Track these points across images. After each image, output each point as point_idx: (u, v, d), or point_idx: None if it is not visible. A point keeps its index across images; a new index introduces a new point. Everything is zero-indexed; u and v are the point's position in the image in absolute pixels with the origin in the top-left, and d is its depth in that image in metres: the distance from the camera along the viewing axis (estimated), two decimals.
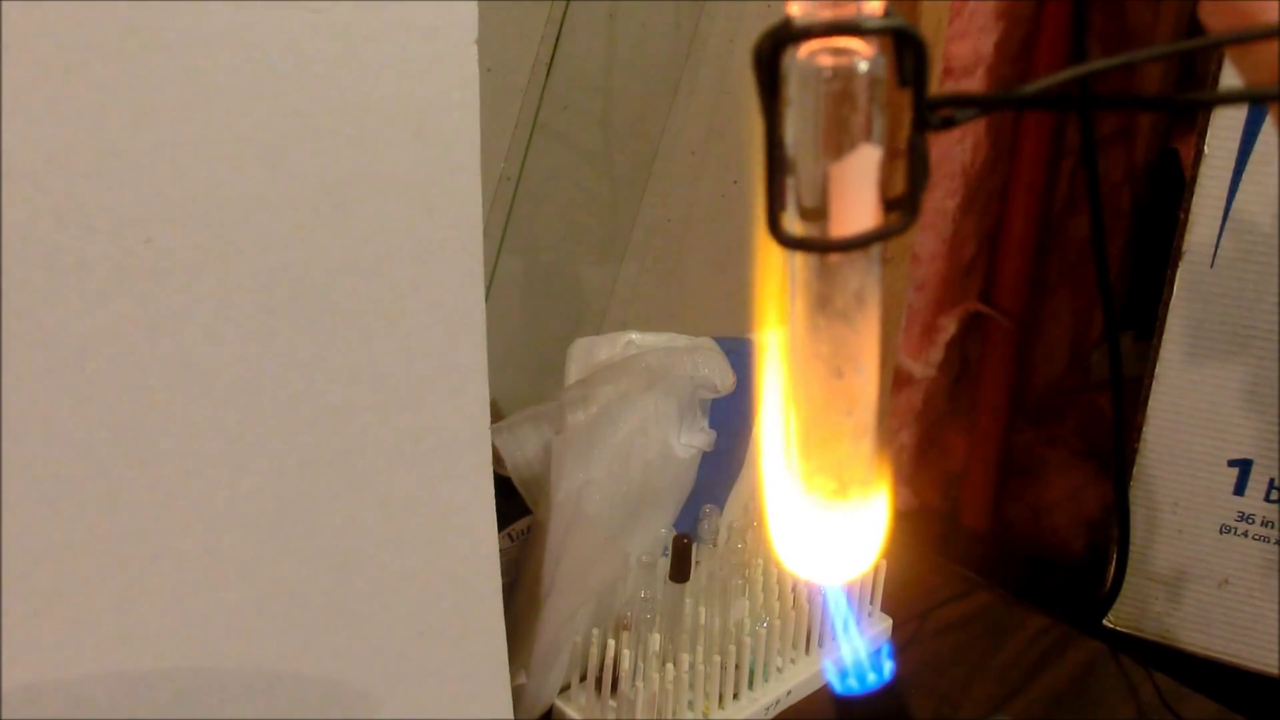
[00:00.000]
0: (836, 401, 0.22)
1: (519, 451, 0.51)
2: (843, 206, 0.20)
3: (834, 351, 0.22)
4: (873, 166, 0.20)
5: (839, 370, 0.22)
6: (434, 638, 0.40)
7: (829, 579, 0.25)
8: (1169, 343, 0.61)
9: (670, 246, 0.68)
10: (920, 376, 0.79)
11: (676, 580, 0.52)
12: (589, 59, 0.60)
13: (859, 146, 0.20)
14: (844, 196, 0.20)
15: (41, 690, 0.31)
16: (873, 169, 0.20)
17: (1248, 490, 0.61)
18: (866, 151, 0.20)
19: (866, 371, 0.22)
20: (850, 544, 0.24)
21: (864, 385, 0.22)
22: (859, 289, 0.21)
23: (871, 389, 0.22)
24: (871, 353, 0.22)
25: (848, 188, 0.20)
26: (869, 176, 0.20)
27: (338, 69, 0.31)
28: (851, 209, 0.20)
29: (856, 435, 0.23)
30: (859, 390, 0.22)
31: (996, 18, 0.70)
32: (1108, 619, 0.66)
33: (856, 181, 0.20)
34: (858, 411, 0.23)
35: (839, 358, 0.22)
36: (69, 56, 0.27)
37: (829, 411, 0.23)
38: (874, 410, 0.23)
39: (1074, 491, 0.79)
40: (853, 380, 0.22)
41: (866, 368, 0.22)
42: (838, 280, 0.21)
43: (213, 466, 0.33)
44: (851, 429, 0.23)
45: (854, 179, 0.20)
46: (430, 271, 0.35)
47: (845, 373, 0.22)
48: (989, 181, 0.75)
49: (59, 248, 0.28)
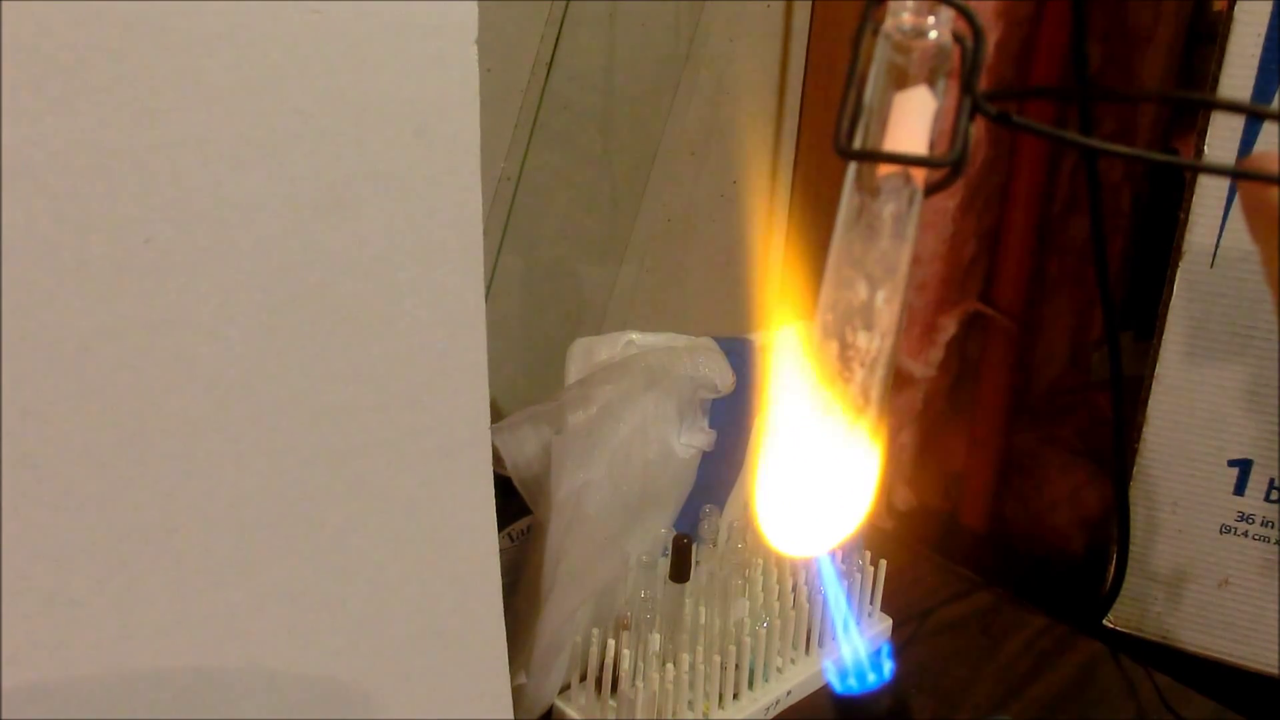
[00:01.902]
0: (856, 318, 0.25)
1: (519, 451, 0.51)
2: (898, 132, 0.24)
3: (864, 258, 0.24)
4: (929, 106, 0.24)
5: (869, 277, 0.24)
6: (434, 638, 0.40)
7: (816, 546, 0.26)
8: (1169, 343, 0.61)
9: (670, 246, 0.68)
10: (920, 376, 0.79)
11: (676, 580, 0.52)
12: (589, 59, 0.60)
13: (919, 85, 0.24)
14: (900, 124, 0.24)
15: (41, 690, 0.31)
16: (928, 108, 0.24)
17: (1248, 490, 0.61)
18: (924, 92, 0.24)
19: (891, 297, 0.24)
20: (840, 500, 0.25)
21: (885, 309, 0.25)
22: (896, 213, 0.24)
23: (891, 317, 0.25)
24: (899, 280, 0.24)
25: (904, 117, 0.24)
26: (924, 114, 0.24)
27: (338, 69, 0.31)
28: (905, 135, 0.24)
29: (873, 360, 0.25)
30: (881, 313, 0.25)
31: (996, 18, 0.70)
32: (1108, 619, 0.66)
33: (912, 112, 0.24)
34: (876, 334, 0.24)
35: (869, 264, 0.24)
36: (69, 56, 0.27)
37: (847, 327, 0.25)
38: (890, 342, 0.25)
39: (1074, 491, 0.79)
40: (875, 300, 0.24)
41: (892, 293, 0.24)
42: (877, 200, 0.24)
43: (213, 466, 0.33)
44: (868, 348, 0.25)
45: (910, 110, 0.24)
46: (430, 271, 0.35)
47: (873, 284, 0.24)
48: (989, 181, 0.75)
49: (59, 248, 0.28)
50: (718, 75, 0.66)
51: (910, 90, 0.24)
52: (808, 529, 0.25)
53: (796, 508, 0.25)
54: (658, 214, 0.67)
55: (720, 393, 0.53)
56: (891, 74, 0.24)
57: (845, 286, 0.24)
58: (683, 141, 0.66)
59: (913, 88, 0.24)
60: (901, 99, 0.24)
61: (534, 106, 0.59)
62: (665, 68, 0.64)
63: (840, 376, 0.24)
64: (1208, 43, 0.65)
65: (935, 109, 0.24)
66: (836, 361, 0.24)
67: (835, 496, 0.25)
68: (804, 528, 0.25)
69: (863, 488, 0.25)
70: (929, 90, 0.24)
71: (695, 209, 0.68)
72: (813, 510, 0.25)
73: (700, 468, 0.54)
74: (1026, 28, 0.71)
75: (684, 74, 0.64)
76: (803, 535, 0.25)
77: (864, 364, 0.24)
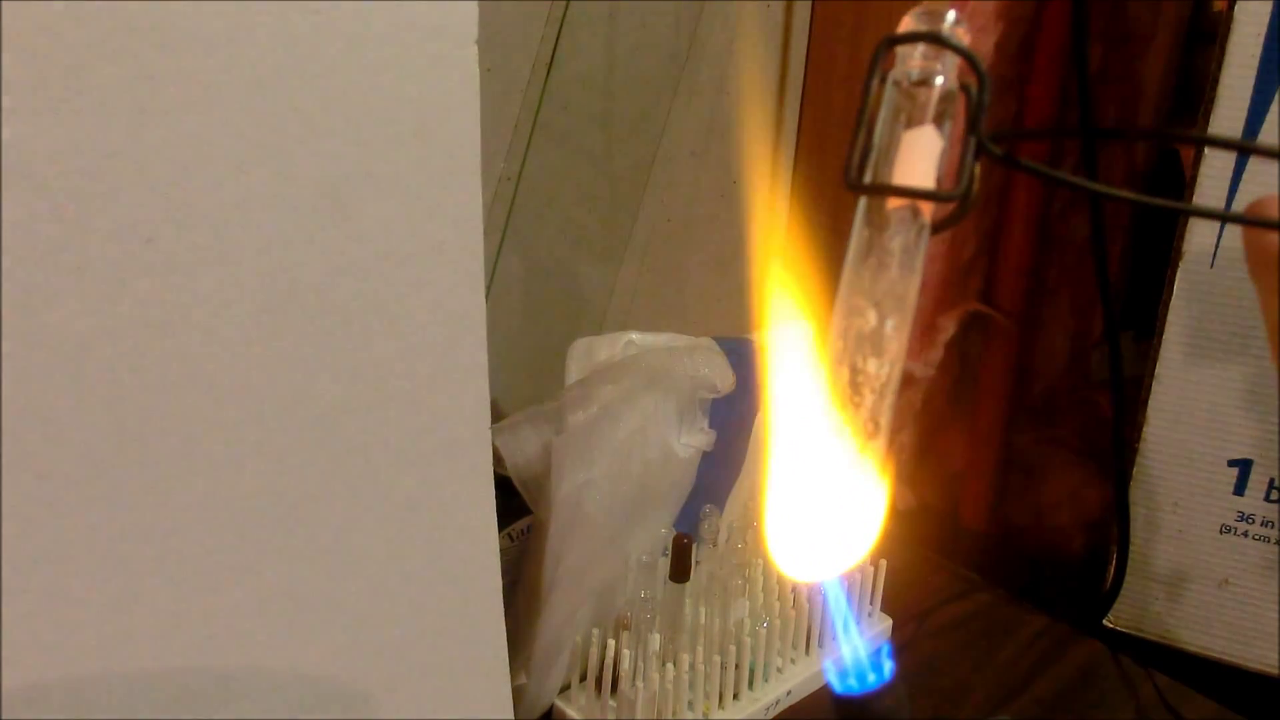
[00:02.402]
0: (866, 345, 0.25)
1: (519, 451, 0.51)
2: (905, 168, 0.25)
3: (873, 288, 0.25)
4: (935, 145, 0.25)
5: (878, 306, 0.25)
6: (434, 638, 0.40)
7: (826, 572, 0.26)
8: (1169, 343, 0.61)
9: (670, 246, 0.68)
10: (920, 376, 0.79)
11: (676, 580, 0.52)
12: (589, 59, 0.60)
13: (926, 125, 0.25)
14: (907, 160, 0.25)
15: (41, 690, 0.31)
16: (934, 147, 0.25)
17: (1248, 490, 0.61)
18: (931, 131, 0.25)
19: (900, 326, 0.25)
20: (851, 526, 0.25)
21: (894, 337, 0.25)
22: (905, 246, 0.25)
23: (899, 345, 0.25)
24: (907, 310, 0.25)
25: (912, 153, 0.25)
26: (931, 152, 0.25)
27: (338, 69, 0.31)
28: (911, 171, 0.25)
29: (882, 386, 0.25)
30: (890, 341, 0.25)
31: (996, 18, 0.70)
32: (1108, 619, 0.66)
33: (919, 150, 0.25)
34: (886, 361, 0.25)
35: (878, 294, 0.25)
36: (69, 56, 0.27)
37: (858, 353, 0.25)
38: (898, 370, 0.25)
39: (1074, 491, 0.79)
40: (885, 329, 0.25)
41: (901, 323, 0.25)
42: (887, 232, 0.25)
43: (213, 466, 0.33)
44: (877, 374, 0.25)
45: (918, 148, 0.25)
46: (430, 271, 0.35)
47: (882, 313, 0.25)
48: (989, 181, 0.75)
49: (59, 248, 0.28)
50: (718, 75, 0.66)
51: (917, 130, 0.25)
52: (817, 555, 0.26)
53: (805, 534, 0.25)
54: (658, 214, 0.67)
55: (720, 393, 0.53)
56: (900, 116, 0.25)
57: (855, 315, 0.25)
58: (683, 141, 0.66)
59: (919, 127, 0.25)
60: (909, 138, 0.25)
61: (534, 106, 0.59)
62: (665, 68, 0.64)
63: (850, 402, 0.25)
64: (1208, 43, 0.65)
65: (942, 148, 0.25)
66: (847, 387, 0.25)
67: (844, 522, 0.25)
68: (813, 554, 0.26)
69: (871, 514, 0.25)
70: (935, 130, 0.25)
71: (695, 209, 0.68)
72: (821, 536, 0.25)
73: (700, 468, 0.54)
74: (1026, 28, 0.71)
75: (684, 74, 0.64)
76: (812, 561, 0.26)
77: (874, 390, 0.25)
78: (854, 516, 0.25)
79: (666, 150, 0.66)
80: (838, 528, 0.25)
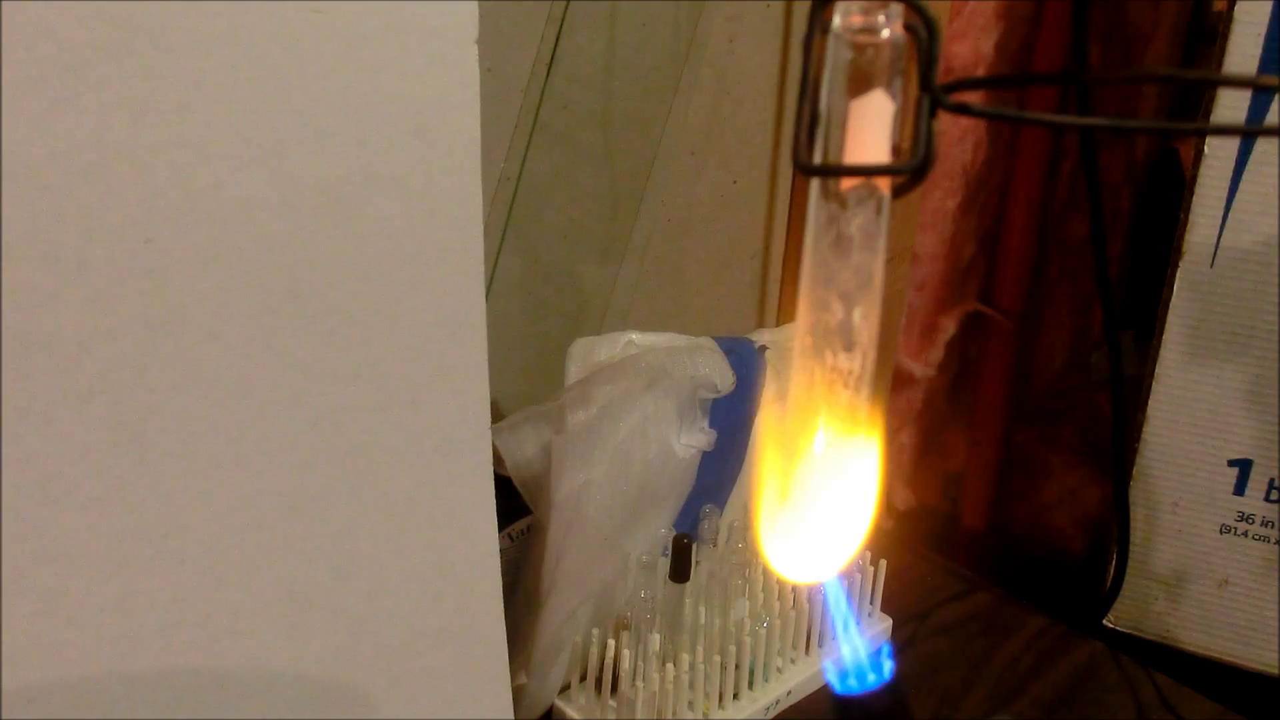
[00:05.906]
0: (835, 339, 0.24)
1: (519, 451, 0.51)
2: (857, 141, 0.23)
3: (837, 276, 0.24)
4: (886, 111, 0.23)
5: (844, 294, 0.24)
6: (434, 638, 0.40)
7: (820, 573, 0.26)
8: (1169, 343, 0.61)
9: (670, 246, 0.68)
10: (920, 376, 0.79)
11: (676, 580, 0.52)
12: (589, 59, 0.60)
13: (875, 90, 0.23)
14: (859, 133, 0.23)
15: (41, 690, 0.31)
16: (886, 113, 0.23)
17: (1248, 490, 0.61)
18: (881, 95, 0.23)
19: (869, 312, 0.24)
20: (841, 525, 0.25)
21: (864, 324, 0.24)
22: (864, 226, 0.23)
23: (870, 332, 0.24)
24: (875, 293, 0.24)
25: (863, 124, 0.23)
26: (883, 119, 0.23)
27: (338, 69, 0.31)
28: (864, 145, 0.23)
29: (855, 379, 0.24)
30: (860, 331, 0.24)
31: (996, 18, 0.70)
32: (1108, 619, 0.66)
33: (871, 118, 0.23)
34: (858, 352, 0.24)
35: (842, 281, 0.24)
36: (69, 56, 0.27)
37: (827, 349, 0.24)
38: (872, 357, 0.24)
39: (1074, 491, 0.79)
40: (853, 317, 0.24)
41: (869, 308, 0.24)
42: (845, 213, 0.24)
43: (213, 466, 0.33)
44: (850, 368, 0.24)
45: (869, 117, 0.23)
46: (430, 271, 0.35)
47: (848, 301, 0.24)
48: (989, 181, 0.75)
49: (59, 248, 0.28)
50: (718, 75, 0.66)
51: (867, 95, 0.23)
52: (811, 556, 0.25)
53: (798, 536, 0.25)
54: (658, 214, 0.67)
55: (720, 393, 0.53)
56: (846, 76, 0.23)
57: (821, 308, 0.24)
58: (683, 141, 0.66)
59: (869, 93, 0.23)
60: (858, 105, 0.23)
61: (534, 106, 0.59)
62: (665, 68, 0.64)
63: (826, 400, 0.24)
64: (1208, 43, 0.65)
65: (894, 111, 0.23)
66: (821, 385, 0.24)
67: (836, 522, 0.25)
68: (807, 555, 0.25)
69: (862, 510, 0.25)
70: (885, 93, 0.23)
71: (695, 209, 0.68)
72: (814, 538, 0.25)
73: (700, 468, 0.54)
74: (1026, 27, 0.71)
75: (684, 74, 0.64)
76: (807, 563, 0.25)
77: (849, 385, 0.24)
78: (845, 516, 0.25)
79: (666, 150, 0.65)
80: (829, 528, 0.25)
